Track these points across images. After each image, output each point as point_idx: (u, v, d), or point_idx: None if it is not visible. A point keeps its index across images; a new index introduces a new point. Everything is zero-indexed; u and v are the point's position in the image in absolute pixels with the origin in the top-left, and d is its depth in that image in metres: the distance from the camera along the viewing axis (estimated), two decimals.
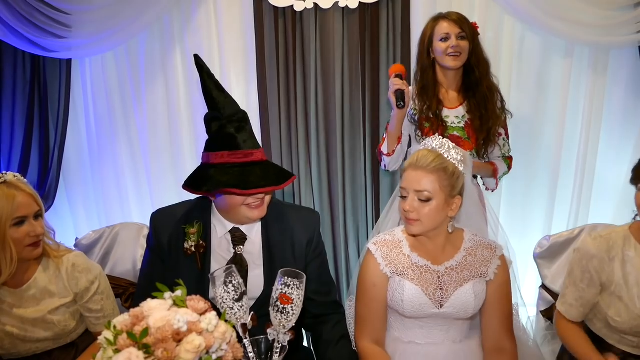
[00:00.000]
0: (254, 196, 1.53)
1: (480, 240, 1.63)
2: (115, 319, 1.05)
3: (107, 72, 2.83)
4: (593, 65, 2.57)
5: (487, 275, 1.58)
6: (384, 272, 1.58)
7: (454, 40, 2.09)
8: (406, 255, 1.59)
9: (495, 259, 1.59)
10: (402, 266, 1.58)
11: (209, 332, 1.04)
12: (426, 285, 1.56)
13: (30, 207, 1.57)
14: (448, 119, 2.17)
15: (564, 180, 2.67)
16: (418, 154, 1.55)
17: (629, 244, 1.58)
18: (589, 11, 2.43)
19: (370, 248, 1.63)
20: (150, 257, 1.67)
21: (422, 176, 1.50)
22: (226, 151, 1.51)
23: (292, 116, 2.70)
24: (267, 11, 2.63)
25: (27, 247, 1.57)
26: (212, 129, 1.54)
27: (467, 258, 1.59)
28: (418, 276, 1.57)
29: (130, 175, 2.93)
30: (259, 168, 1.53)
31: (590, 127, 2.60)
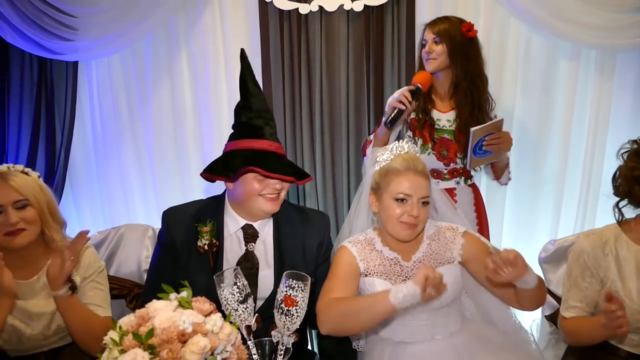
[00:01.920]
0: (272, 187, 1.58)
1: (441, 224, 1.66)
2: (120, 320, 1.06)
3: (113, 74, 2.84)
4: (600, 69, 2.55)
5: (454, 258, 1.60)
6: (358, 265, 1.60)
7: (427, 46, 2.16)
8: (379, 251, 1.62)
9: (458, 238, 1.61)
10: (373, 263, 1.60)
11: (214, 334, 1.05)
12: (394, 278, 1.58)
13: (7, 196, 1.58)
14: (440, 122, 2.20)
15: (570, 184, 2.65)
16: (409, 158, 1.57)
17: (621, 240, 1.61)
18: (596, 13, 2.42)
19: (345, 245, 1.64)
20: (161, 253, 1.69)
21: (423, 181, 1.55)
22: (253, 139, 1.59)
23: (297, 119, 2.71)
24: (272, 14, 2.64)
25: (4, 235, 1.57)
26: (241, 119, 1.63)
27: (431, 245, 1.62)
28: (387, 270, 1.59)
29: (136, 177, 2.94)
30: (281, 160, 1.61)
31: (597, 130, 2.58)
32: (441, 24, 2.18)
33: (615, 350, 1.63)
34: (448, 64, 2.17)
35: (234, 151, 1.61)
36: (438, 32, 2.15)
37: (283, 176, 1.56)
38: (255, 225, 1.67)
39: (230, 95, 2.75)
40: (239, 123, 1.64)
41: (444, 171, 2.24)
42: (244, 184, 1.59)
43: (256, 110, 1.60)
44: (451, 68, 2.18)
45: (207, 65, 2.74)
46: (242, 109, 1.63)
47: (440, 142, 2.18)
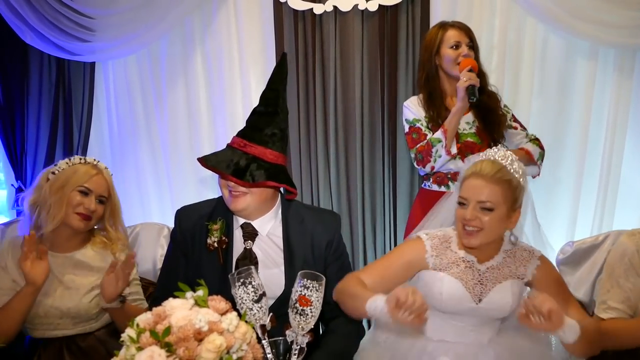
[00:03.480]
0: (228, 183, 1.60)
1: (520, 243, 1.64)
2: (138, 317, 1.07)
3: (130, 75, 2.88)
4: (618, 68, 2.51)
5: (525, 275, 1.58)
6: (427, 261, 1.58)
7: (466, 49, 2.13)
8: (454, 251, 1.60)
9: (534, 260, 1.60)
10: (447, 260, 1.58)
11: (229, 332, 1.05)
12: (466, 279, 1.56)
13: (100, 188, 1.77)
14: (460, 126, 2.16)
15: (588, 185, 2.61)
16: (481, 163, 1.54)
17: None
18: (615, 12, 2.37)
19: (421, 236, 1.62)
20: (174, 251, 1.73)
21: (485, 186, 1.49)
22: (235, 137, 1.64)
23: (312, 119, 2.71)
24: (287, 14, 2.65)
25: (75, 214, 1.72)
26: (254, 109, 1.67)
27: (506, 259, 1.60)
28: (461, 270, 1.57)
29: (151, 176, 2.97)
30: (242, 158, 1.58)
31: (616, 130, 2.54)
32: (465, 26, 2.18)
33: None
34: None
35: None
36: (470, 36, 2.17)
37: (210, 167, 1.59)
38: (254, 223, 1.68)
39: (245, 95, 2.77)
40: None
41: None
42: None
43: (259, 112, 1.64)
44: None
45: (222, 65, 2.76)
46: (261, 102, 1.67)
47: (465, 145, 2.16)
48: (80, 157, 1.82)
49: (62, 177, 1.73)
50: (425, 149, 2.13)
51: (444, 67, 2.18)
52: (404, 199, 2.72)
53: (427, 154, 2.12)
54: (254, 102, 2.70)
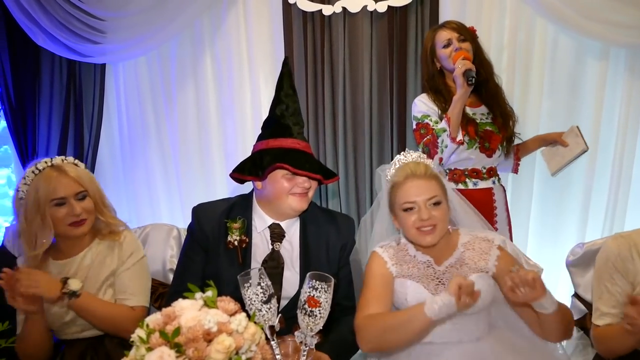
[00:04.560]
0: (300, 185, 1.62)
1: (476, 234, 1.66)
2: (147, 318, 1.08)
3: (140, 76, 2.90)
4: (630, 68, 2.49)
5: (488, 268, 1.59)
6: (390, 270, 1.61)
7: (457, 43, 2.16)
8: (412, 255, 1.64)
9: (494, 250, 1.61)
10: (407, 266, 1.61)
11: (238, 333, 1.06)
12: (427, 281, 1.58)
13: (70, 188, 1.67)
14: (476, 116, 2.22)
15: (598, 186, 2.59)
16: (407, 166, 1.61)
17: None
18: (626, 12, 2.35)
19: (377, 250, 1.66)
20: (192, 245, 1.72)
21: (427, 184, 1.56)
22: (282, 138, 1.64)
23: (320, 120, 2.71)
24: (296, 15, 2.65)
25: (68, 226, 1.68)
26: (273, 116, 1.68)
27: (465, 253, 1.62)
28: (421, 273, 1.60)
29: (161, 177, 2.98)
30: (309, 158, 1.64)
31: (627, 131, 2.51)
32: (454, 24, 2.22)
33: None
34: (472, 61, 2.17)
35: (263, 150, 1.66)
36: (460, 31, 2.19)
37: (311, 173, 1.59)
38: (283, 224, 1.70)
39: (254, 97, 2.78)
40: (270, 121, 1.69)
41: (483, 170, 2.24)
42: (273, 183, 1.62)
43: (288, 110, 1.66)
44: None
45: (231, 66, 2.77)
46: (276, 106, 1.69)
47: (485, 134, 2.21)
48: (32, 169, 1.70)
49: (31, 198, 1.65)
50: (431, 141, 2.15)
51: (444, 67, 2.23)
52: None
53: (434, 146, 2.14)
54: (263, 104, 2.76)
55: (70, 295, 1.60)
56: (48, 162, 1.71)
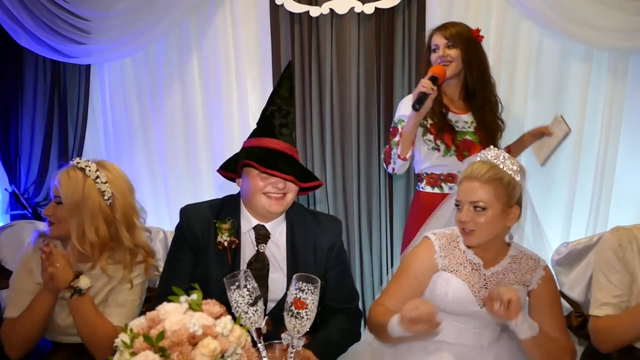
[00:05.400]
0: (274, 185, 1.59)
1: (525, 250, 1.66)
2: (132, 322, 1.07)
3: (126, 78, 2.87)
4: (613, 70, 2.52)
5: (531, 283, 1.59)
6: (436, 261, 1.61)
7: (441, 50, 2.14)
8: (462, 250, 1.63)
9: (540, 269, 1.62)
10: (455, 261, 1.61)
11: (224, 336, 1.05)
12: (472, 283, 1.58)
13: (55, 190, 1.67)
14: (458, 124, 2.19)
15: (582, 186, 2.62)
16: (472, 165, 1.58)
17: None
18: (612, 15, 2.38)
19: (429, 236, 1.65)
20: (181, 247, 1.69)
21: (477, 187, 1.53)
22: (263, 137, 1.62)
23: (307, 121, 2.71)
24: (283, 17, 2.65)
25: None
26: (266, 113, 1.66)
27: (512, 265, 1.62)
28: (468, 272, 1.59)
29: (147, 180, 2.96)
30: (288, 161, 1.61)
31: (610, 132, 2.54)
32: (452, 28, 2.17)
33: (636, 353, 1.60)
34: (461, 68, 2.16)
35: (245, 148, 1.66)
36: (451, 36, 2.14)
37: (278, 173, 1.56)
38: (267, 226, 1.68)
39: (241, 98, 2.77)
40: (260, 119, 1.68)
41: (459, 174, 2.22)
42: (249, 180, 1.62)
43: (280, 112, 1.64)
44: (463, 72, 2.18)
45: (218, 68, 2.76)
46: (269, 106, 1.67)
47: (463, 144, 2.17)
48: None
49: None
50: (387, 150, 2.17)
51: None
52: (400, 201, 2.72)
53: (388, 156, 2.16)
54: (251, 105, 2.76)
55: (75, 291, 1.58)
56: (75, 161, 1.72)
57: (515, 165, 1.56)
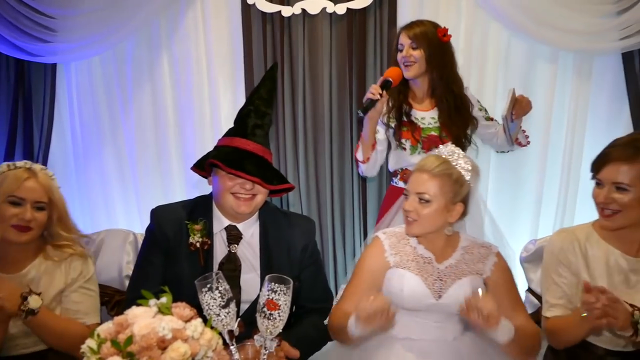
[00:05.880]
0: (241, 186, 1.58)
1: (476, 240, 1.70)
2: (99, 327, 1.04)
3: (94, 77, 2.82)
4: (577, 71, 2.60)
5: (484, 271, 1.63)
6: (387, 260, 1.64)
7: (405, 51, 2.15)
8: (412, 247, 1.65)
9: (492, 256, 1.65)
10: (406, 257, 1.63)
11: (194, 339, 1.04)
12: (426, 276, 1.61)
13: (34, 193, 1.61)
14: (424, 120, 2.21)
15: (549, 184, 2.69)
16: (427, 159, 1.62)
17: (592, 239, 1.63)
18: (576, 18, 2.46)
19: (379, 236, 1.68)
20: (151, 248, 1.68)
21: (426, 179, 1.57)
22: (234, 137, 1.61)
23: (280, 122, 2.71)
24: (255, 16, 2.64)
25: (11, 226, 1.59)
26: (242, 112, 1.65)
27: (464, 256, 1.65)
28: (420, 267, 1.62)
29: (117, 182, 2.91)
30: (257, 161, 1.59)
31: (575, 131, 2.62)
32: (417, 27, 2.17)
33: (592, 347, 1.65)
34: (425, 69, 2.17)
35: (217, 146, 1.66)
36: (415, 37, 2.14)
37: (242, 173, 1.54)
38: (239, 226, 1.67)
39: (212, 98, 2.74)
40: (236, 118, 1.67)
41: None
42: (218, 180, 1.61)
43: (257, 113, 1.63)
44: (428, 73, 2.19)
45: (190, 68, 2.73)
46: (246, 106, 1.67)
47: (429, 140, 2.20)
48: (8, 164, 1.64)
49: None
50: (355, 154, 2.23)
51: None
52: (374, 200, 2.74)
53: (356, 159, 2.22)
54: (223, 105, 2.73)
55: (28, 314, 1.52)
56: (27, 164, 1.66)
57: (468, 164, 1.60)
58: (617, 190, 1.52)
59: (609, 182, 1.53)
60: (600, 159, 1.57)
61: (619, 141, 1.58)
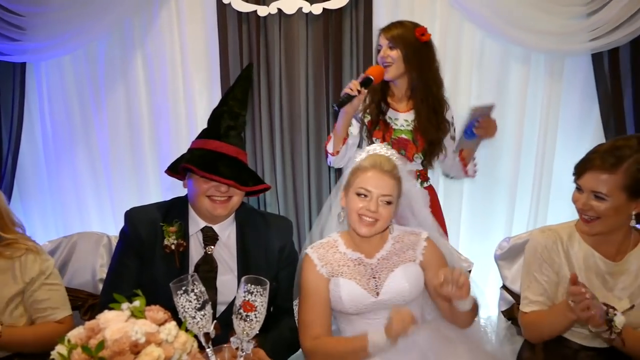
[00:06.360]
0: (217, 189, 1.57)
1: (405, 228, 1.73)
2: (69, 333, 1.02)
3: (65, 77, 2.76)
4: (549, 72, 2.65)
5: (416, 257, 1.66)
6: (320, 272, 1.63)
7: (383, 51, 2.16)
8: (342, 252, 1.67)
9: (421, 242, 1.69)
10: (337, 264, 1.64)
11: (168, 343, 1.03)
12: (359, 277, 1.62)
13: None
14: (397, 122, 2.21)
15: (523, 183, 2.74)
16: (378, 158, 1.63)
17: (573, 240, 1.65)
18: (546, 20, 2.51)
19: (307, 252, 1.68)
20: (125, 252, 1.65)
21: (388, 181, 1.59)
22: (208, 139, 1.60)
23: (257, 122, 2.69)
24: (231, 16, 2.62)
25: None
26: (216, 113, 1.64)
27: (395, 245, 1.68)
28: (352, 270, 1.63)
29: (90, 183, 2.86)
30: (231, 163, 1.58)
31: (547, 131, 2.68)
32: (395, 29, 2.17)
33: (567, 343, 1.68)
34: (404, 69, 2.17)
35: (191, 148, 1.64)
36: (392, 38, 2.15)
37: (219, 177, 1.54)
38: (215, 228, 1.66)
39: (188, 98, 2.71)
40: (210, 119, 1.66)
41: None
42: (193, 183, 1.60)
43: (231, 113, 1.62)
44: (407, 73, 2.19)
45: (164, 67, 2.70)
46: (220, 106, 1.65)
47: (398, 142, 2.20)
48: None
49: None
50: (325, 145, 2.23)
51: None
52: None
53: (326, 151, 2.22)
54: (198, 105, 2.70)
55: None
56: None
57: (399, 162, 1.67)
58: (596, 198, 1.53)
59: (588, 189, 1.54)
60: (582, 165, 1.58)
61: (601, 148, 1.58)
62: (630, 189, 1.49)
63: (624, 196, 1.50)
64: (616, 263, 1.62)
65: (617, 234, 1.61)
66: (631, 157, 1.49)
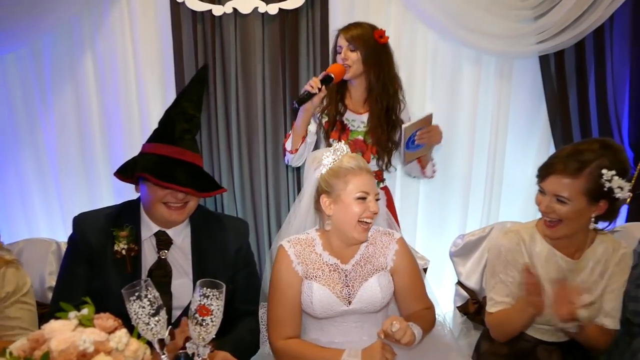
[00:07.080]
0: (174, 196, 1.54)
1: (378, 228, 1.70)
2: (11, 345, 0.97)
3: (8, 75, 2.64)
4: (499, 73, 2.74)
5: (387, 264, 1.64)
6: (295, 269, 1.59)
7: (343, 53, 2.16)
8: (318, 254, 1.62)
9: (393, 244, 1.66)
10: (312, 266, 1.61)
11: (118, 351, 0.99)
12: (333, 285, 1.60)
13: None
14: (354, 123, 2.22)
15: (476, 181, 2.82)
16: (356, 157, 1.60)
17: (535, 240, 1.69)
18: (495, 23, 2.58)
19: (283, 245, 1.62)
20: (74, 259, 1.60)
21: (373, 180, 1.60)
22: (161, 143, 1.55)
23: (213, 123, 2.65)
24: (185, 15, 2.57)
25: None
26: (169, 116, 1.59)
27: (368, 248, 1.65)
28: (327, 275, 1.60)
29: (37, 187, 2.74)
30: (188, 169, 1.54)
31: (498, 129, 2.76)
32: (354, 30, 2.18)
33: (526, 336, 1.74)
34: (363, 70, 2.18)
35: (143, 153, 1.58)
36: (352, 39, 2.15)
37: (177, 186, 1.50)
38: (169, 232, 1.63)
39: (141, 99, 2.65)
40: (162, 122, 1.61)
41: None
42: (148, 190, 1.55)
43: (185, 115, 1.57)
44: (365, 74, 2.20)
45: (115, 67, 2.62)
46: (173, 108, 1.61)
47: (355, 143, 2.22)
48: None
49: None
50: (284, 144, 2.22)
51: None
52: None
53: (284, 148, 2.21)
54: (151, 105, 2.64)
55: None
56: None
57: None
58: (558, 201, 1.57)
59: (551, 193, 1.58)
60: (545, 168, 1.62)
61: (563, 152, 1.62)
62: (591, 193, 1.54)
63: (585, 200, 1.55)
64: (575, 261, 1.67)
65: (578, 234, 1.66)
66: (593, 162, 1.53)
